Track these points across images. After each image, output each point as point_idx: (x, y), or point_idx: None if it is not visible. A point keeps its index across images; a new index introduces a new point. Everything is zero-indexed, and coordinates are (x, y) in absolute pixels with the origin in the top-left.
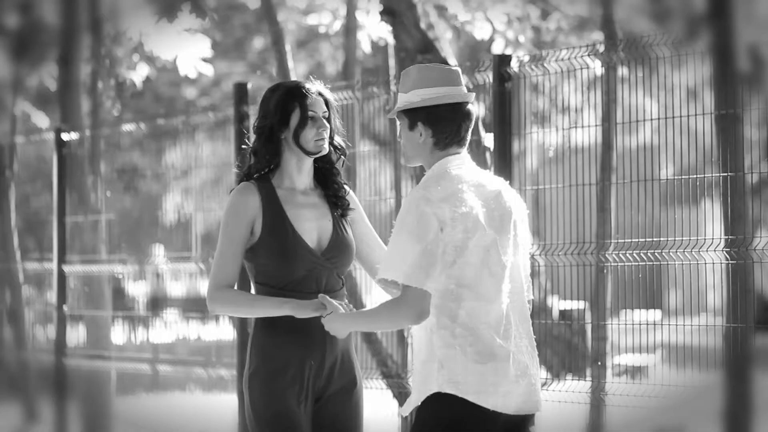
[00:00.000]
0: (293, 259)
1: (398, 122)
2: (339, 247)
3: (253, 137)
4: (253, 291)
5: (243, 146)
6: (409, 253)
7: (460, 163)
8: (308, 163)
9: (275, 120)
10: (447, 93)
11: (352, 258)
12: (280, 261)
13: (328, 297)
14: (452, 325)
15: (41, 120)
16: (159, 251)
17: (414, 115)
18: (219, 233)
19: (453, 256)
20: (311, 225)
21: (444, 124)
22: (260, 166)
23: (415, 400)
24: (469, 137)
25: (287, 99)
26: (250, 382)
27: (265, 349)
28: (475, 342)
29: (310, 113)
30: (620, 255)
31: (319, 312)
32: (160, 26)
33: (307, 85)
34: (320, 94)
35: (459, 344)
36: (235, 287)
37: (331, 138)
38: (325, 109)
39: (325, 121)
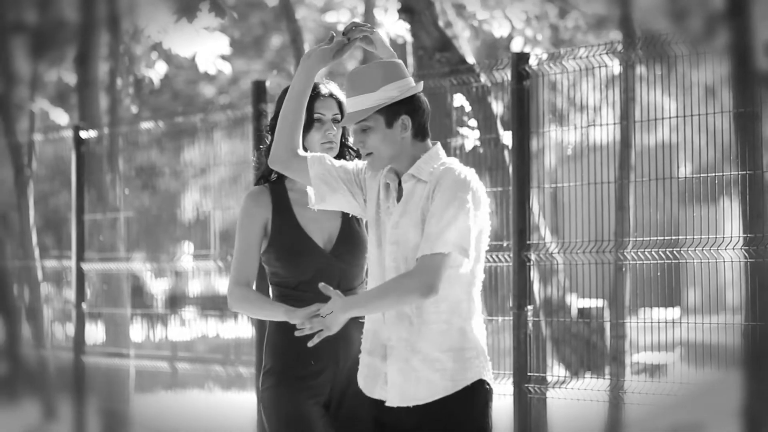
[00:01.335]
0: (302, 258)
1: (356, 127)
2: (348, 244)
3: (269, 136)
4: (270, 292)
5: (261, 146)
6: (466, 229)
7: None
8: None
9: None
10: (412, 83)
11: (363, 254)
12: (289, 261)
13: (326, 285)
14: (479, 311)
15: (60, 117)
16: (184, 249)
17: (395, 110)
18: (236, 235)
19: (480, 239)
20: (321, 225)
21: (421, 113)
22: (271, 169)
23: (444, 389)
24: None
25: None
26: (263, 382)
27: (278, 349)
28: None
29: (316, 115)
30: (639, 253)
31: (310, 321)
32: (178, 24)
33: (319, 86)
34: (332, 95)
35: (484, 330)
36: (254, 286)
37: (345, 138)
38: (336, 110)
39: (332, 123)
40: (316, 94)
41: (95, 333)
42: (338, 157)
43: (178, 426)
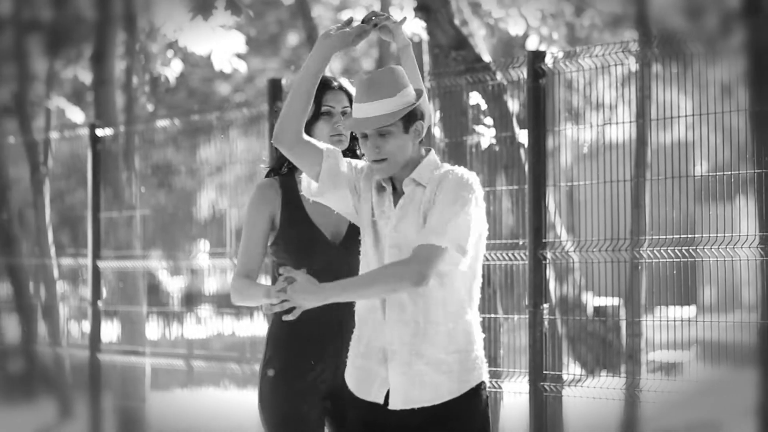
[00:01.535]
0: (310, 250)
1: (372, 132)
2: (357, 237)
3: None
4: None
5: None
6: (466, 227)
7: None
8: None
9: None
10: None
11: None
12: (297, 253)
13: (289, 268)
14: (478, 312)
15: (76, 115)
16: (200, 246)
17: (413, 115)
18: (243, 227)
19: (480, 240)
20: (330, 218)
21: (427, 119)
22: (284, 159)
23: (449, 391)
24: None
25: None
26: (262, 373)
27: (280, 342)
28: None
29: (324, 108)
30: (654, 251)
31: (268, 297)
32: (194, 22)
33: (329, 78)
34: (342, 87)
35: (481, 331)
36: (257, 279)
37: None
38: (346, 103)
39: (342, 116)
40: (325, 85)
41: (111, 331)
42: (347, 151)
43: (193, 424)
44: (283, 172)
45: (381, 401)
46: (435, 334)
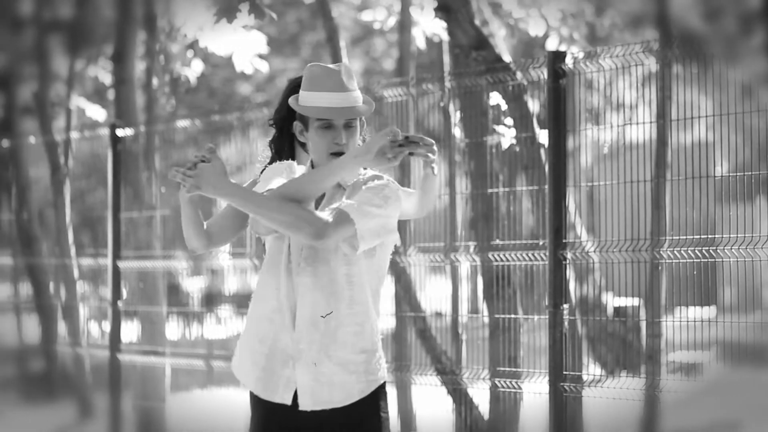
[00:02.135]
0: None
1: (347, 123)
2: None
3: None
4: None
5: (270, 143)
6: (376, 222)
7: None
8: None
9: (285, 114)
10: None
11: None
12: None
13: (213, 148)
14: (379, 314)
15: (97, 113)
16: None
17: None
18: None
19: (388, 242)
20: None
21: None
22: (277, 158)
23: (359, 391)
24: None
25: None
26: None
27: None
28: None
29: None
30: (675, 252)
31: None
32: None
33: None
34: None
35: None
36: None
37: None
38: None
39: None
40: None
41: (131, 331)
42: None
43: (213, 424)
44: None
45: (289, 402)
46: (343, 334)
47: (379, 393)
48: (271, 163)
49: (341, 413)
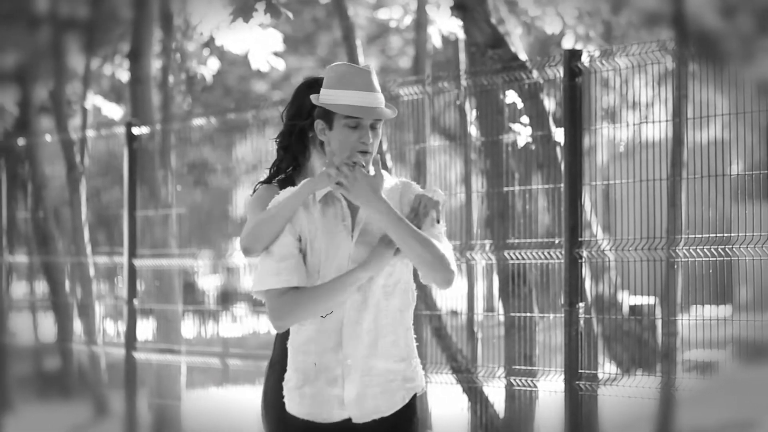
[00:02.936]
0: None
1: (373, 124)
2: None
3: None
4: None
5: (276, 140)
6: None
7: None
8: None
9: (309, 120)
10: None
11: None
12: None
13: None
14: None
15: (113, 111)
16: (235, 245)
17: None
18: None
19: None
20: None
21: None
22: (289, 163)
23: (401, 399)
24: None
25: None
26: (267, 372)
27: (285, 343)
28: None
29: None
30: (690, 250)
31: (330, 180)
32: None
33: None
34: None
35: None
36: None
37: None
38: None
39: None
40: None
41: (146, 329)
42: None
43: (229, 422)
44: (281, 177)
45: (345, 418)
46: (384, 344)
47: (414, 398)
48: (281, 166)
49: (383, 422)
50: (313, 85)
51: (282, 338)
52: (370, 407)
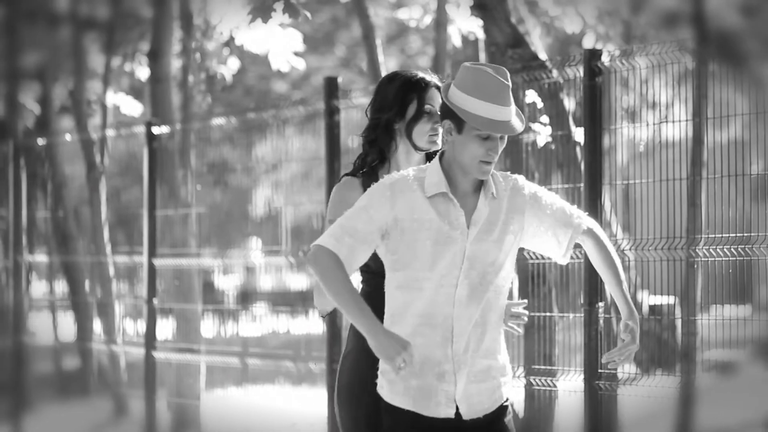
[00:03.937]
0: None
1: (501, 135)
2: None
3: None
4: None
5: (362, 134)
6: None
7: None
8: (417, 157)
9: (392, 111)
10: None
11: None
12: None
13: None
14: None
15: (133, 109)
16: (254, 244)
17: None
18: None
19: None
20: None
21: None
22: (374, 157)
23: (501, 396)
24: None
25: (406, 90)
26: (342, 362)
27: (359, 334)
28: None
29: (427, 107)
30: (710, 250)
31: (397, 362)
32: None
33: (426, 77)
34: (437, 86)
35: None
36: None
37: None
38: (440, 100)
39: (437, 115)
40: (425, 84)
41: (166, 328)
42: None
43: (248, 422)
44: (365, 169)
45: (452, 414)
46: (488, 340)
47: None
48: (366, 159)
49: (486, 418)
50: (394, 78)
51: (356, 329)
52: (476, 403)
